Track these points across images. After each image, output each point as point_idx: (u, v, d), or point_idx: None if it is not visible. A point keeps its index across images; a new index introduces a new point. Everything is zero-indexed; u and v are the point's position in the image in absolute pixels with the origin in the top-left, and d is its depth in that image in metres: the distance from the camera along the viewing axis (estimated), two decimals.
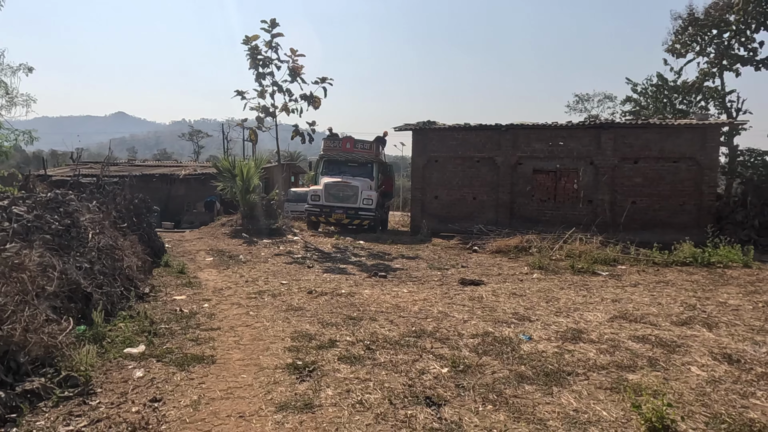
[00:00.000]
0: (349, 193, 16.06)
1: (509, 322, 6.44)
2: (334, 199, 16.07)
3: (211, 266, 10.27)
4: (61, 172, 22.07)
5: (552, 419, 3.80)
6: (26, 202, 6.34)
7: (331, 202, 16.06)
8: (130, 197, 9.94)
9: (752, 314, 7.02)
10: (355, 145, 17.37)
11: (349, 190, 16.08)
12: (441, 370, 4.76)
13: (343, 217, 15.97)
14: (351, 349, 5.27)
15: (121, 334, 5.41)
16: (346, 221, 16.10)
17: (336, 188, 16.15)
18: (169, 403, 3.98)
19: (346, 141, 17.39)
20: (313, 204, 16.33)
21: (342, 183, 16.16)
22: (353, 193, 16.06)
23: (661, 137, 14.26)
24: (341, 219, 16.06)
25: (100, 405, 3.91)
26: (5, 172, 26.41)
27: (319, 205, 16.18)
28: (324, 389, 4.26)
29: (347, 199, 16.02)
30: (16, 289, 4.54)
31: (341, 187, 16.12)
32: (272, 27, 14.91)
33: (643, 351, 5.41)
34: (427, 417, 3.80)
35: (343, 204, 15.99)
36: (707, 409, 4.00)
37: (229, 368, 4.76)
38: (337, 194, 16.10)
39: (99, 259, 6.80)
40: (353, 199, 15.99)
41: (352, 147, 17.33)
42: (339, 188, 16.13)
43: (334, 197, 16.08)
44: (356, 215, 15.97)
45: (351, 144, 17.33)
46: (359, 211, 15.91)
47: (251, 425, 3.65)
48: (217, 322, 6.24)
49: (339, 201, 16.04)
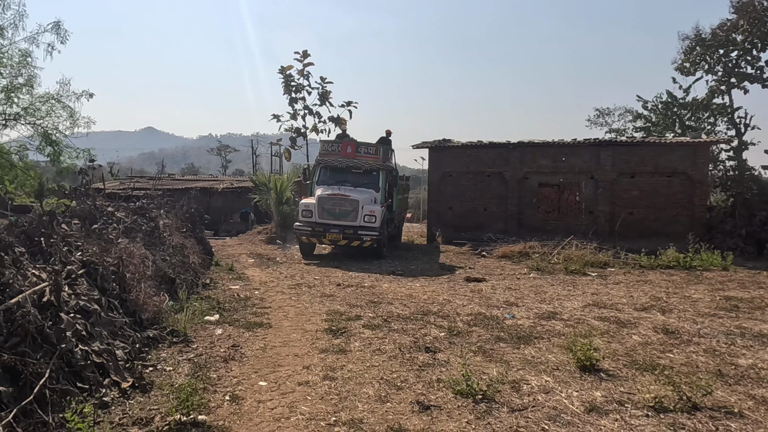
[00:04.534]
0: (348, 208, 12.94)
1: (499, 307, 8.01)
2: (329, 215, 12.98)
3: (254, 266, 12.06)
4: (111, 185, 24.36)
5: (514, 362, 5.37)
6: (124, 208, 8.20)
7: (325, 218, 12.98)
8: (187, 207, 11.80)
9: (706, 304, 8.40)
10: (357, 150, 14.21)
11: (347, 205, 12.96)
12: (439, 333, 6.38)
13: (338, 237, 12.87)
14: (372, 321, 6.91)
15: (198, 309, 7.16)
16: (343, 243, 13.09)
17: (331, 202, 13.04)
18: (245, 347, 5.69)
19: (347, 144, 14.36)
20: (305, 221, 13.19)
21: (339, 196, 13.07)
22: (352, 208, 12.91)
23: (656, 154, 15.62)
24: (337, 240, 12.99)
25: (198, 347, 5.64)
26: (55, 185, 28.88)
27: (311, 223, 13.07)
28: (352, 342, 5.92)
29: (345, 215, 12.91)
30: (132, 271, 6.32)
31: (337, 201, 13.03)
32: (304, 57, 16.87)
33: (601, 326, 6.91)
34: (425, 358, 5.42)
35: (340, 221, 12.90)
36: (629, 358, 5.53)
37: (282, 330, 6.46)
38: (332, 210, 12.99)
39: (173, 254, 8.62)
40: (352, 216, 12.88)
41: (353, 152, 14.19)
42: (335, 202, 13.02)
43: (329, 213, 12.98)
44: (355, 235, 12.84)
45: (353, 148, 14.23)
46: (359, 230, 12.83)
47: (304, 360, 5.32)
48: (267, 303, 7.97)
49: (335, 218, 12.95)
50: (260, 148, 57.16)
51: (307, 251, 13.70)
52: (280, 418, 3.94)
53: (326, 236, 12.96)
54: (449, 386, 4.52)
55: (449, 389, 4.48)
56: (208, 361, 5.19)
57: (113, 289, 5.65)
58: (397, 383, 4.67)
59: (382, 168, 14.29)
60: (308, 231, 13.06)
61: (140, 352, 5.17)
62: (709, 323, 7.13)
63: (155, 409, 3.96)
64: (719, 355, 5.69)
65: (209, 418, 3.86)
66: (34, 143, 18.98)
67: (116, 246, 6.40)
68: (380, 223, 13.11)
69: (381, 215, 13.19)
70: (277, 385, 4.59)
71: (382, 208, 13.52)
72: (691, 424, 3.89)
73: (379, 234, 12.97)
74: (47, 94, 18.31)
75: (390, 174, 14.63)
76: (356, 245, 13.09)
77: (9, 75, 17.93)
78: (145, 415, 3.85)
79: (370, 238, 12.86)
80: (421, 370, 5.03)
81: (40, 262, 4.84)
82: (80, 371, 4.02)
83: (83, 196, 8.14)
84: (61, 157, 19.13)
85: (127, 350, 4.85)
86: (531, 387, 4.63)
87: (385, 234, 13.70)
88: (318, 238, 13.16)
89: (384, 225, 13.58)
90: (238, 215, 22.88)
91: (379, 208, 13.37)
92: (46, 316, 4.02)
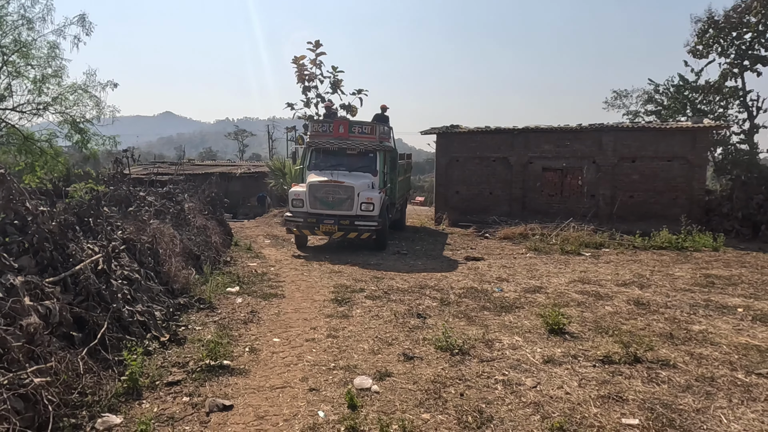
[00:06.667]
0: (342, 196, 11.75)
1: (491, 282, 8.81)
2: (322, 204, 11.78)
3: (270, 246, 13.01)
4: (135, 171, 25.55)
5: (493, 326, 6.20)
6: (153, 193, 9.15)
7: (317, 208, 11.80)
8: (208, 192, 12.75)
9: (685, 281, 9.08)
10: (351, 129, 12.89)
11: (341, 192, 11.77)
12: (432, 303, 7.23)
13: (333, 229, 11.69)
14: (374, 293, 7.78)
15: (221, 282, 8.10)
16: (339, 235, 11.91)
17: (323, 190, 11.82)
18: (261, 313, 6.61)
19: (339, 124, 13.01)
20: (296, 211, 12.03)
21: (331, 183, 11.84)
22: (347, 196, 11.73)
23: (656, 139, 16.08)
24: (331, 232, 11.83)
25: (221, 312, 6.57)
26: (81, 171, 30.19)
27: (302, 213, 11.92)
28: (354, 309, 6.80)
29: (339, 204, 11.73)
30: (163, 248, 7.26)
31: (330, 188, 11.81)
32: (316, 47, 17.59)
33: (579, 298, 7.68)
34: (416, 322, 6.27)
35: (334, 211, 11.73)
36: (595, 324, 6.30)
37: (294, 300, 7.37)
38: (325, 198, 11.78)
39: (198, 234, 9.56)
40: (347, 205, 11.70)
41: (346, 131, 12.86)
42: (327, 190, 11.81)
43: (322, 202, 11.78)
44: (352, 226, 11.68)
45: (345, 128, 12.89)
46: (356, 220, 11.69)
47: (311, 323, 6.22)
48: (281, 278, 8.89)
49: (328, 207, 11.75)
50: (277, 133, 58.20)
51: (301, 242, 12.73)
52: (289, 364, 4.83)
53: (319, 228, 11.74)
54: (432, 343, 5.37)
55: (432, 345, 5.33)
56: (230, 323, 6.12)
57: (149, 262, 6.59)
58: (389, 340, 5.54)
59: (379, 149, 12.97)
60: (300, 222, 11.90)
61: (173, 315, 6.11)
62: (681, 297, 7.84)
63: (189, 356, 4.89)
64: (678, 322, 6.43)
65: (233, 363, 4.78)
66: (63, 131, 20.18)
67: (149, 226, 7.34)
68: (379, 211, 11.89)
69: (380, 202, 12.01)
70: (288, 341, 5.49)
71: (381, 194, 12.35)
72: (628, 372, 4.68)
73: (378, 224, 11.77)
74: (75, 84, 19.40)
75: (389, 155, 13.43)
76: (353, 237, 11.85)
77: (38, 66, 19.06)
78: (181, 360, 4.78)
79: (368, 231, 11.72)
80: (411, 331, 5.89)
81: (90, 238, 5.77)
82: (128, 326, 4.95)
83: (119, 183, 9.08)
84: (88, 144, 20.33)
85: (163, 312, 5.79)
86: (502, 344, 5.46)
87: (386, 223, 12.68)
88: (310, 230, 11.94)
89: (384, 213, 12.46)
90: (255, 199, 23.91)
91: (378, 194, 12.14)
92: (100, 281, 4.94)
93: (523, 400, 4.09)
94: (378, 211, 11.87)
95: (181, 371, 4.54)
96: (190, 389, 4.19)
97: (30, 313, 3.33)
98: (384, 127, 13.69)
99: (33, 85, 18.96)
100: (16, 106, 19.10)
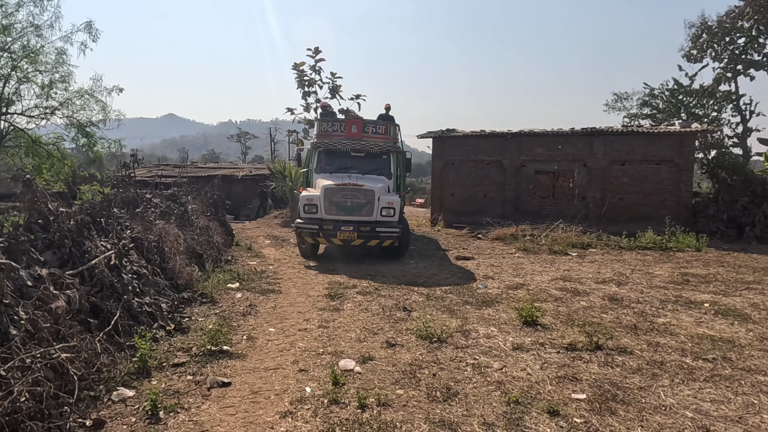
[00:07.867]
0: (362, 200, 10.92)
1: (478, 279, 9.32)
2: (339, 210, 10.90)
3: (270, 246, 13.56)
4: (139, 173, 26.16)
5: (472, 318, 6.71)
6: (158, 195, 9.71)
7: (333, 214, 10.88)
8: (211, 194, 13.31)
9: (662, 279, 9.57)
10: (364, 129, 12.15)
11: (360, 196, 10.92)
12: (418, 298, 7.75)
13: (353, 236, 10.76)
14: (365, 289, 8.31)
15: (222, 278, 8.64)
16: (358, 242, 10.91)
17: (341, 194, 10.94)
18: (259, 307, 7.14)
19: (352, 123, 12.27)
20: (309, 217, 10.98)
21: (350, 186, 10.98)
22: (367, 200, 10.91)
23: (645, 143, 16.58)
24: (350, 239, 10.83)
25: (222, 306, 7.11)
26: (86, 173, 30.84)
27: (316, 219, 10.91)
28: (345, 303, 7.33)
29: (358, 209, 10.89)
30: (168, 246, 7.81)
31: (349, 192, 10.95)
32: (316, 54, 18.16)
33: (558, 294, 8.18)
34: (401, 315, 6.80)
35: (353, 217, 10.86)
36: (567, 317, 6.81)
37: (290, 295, 7.90)
38: (342, 203, 10.93)
39: (200, 234, 10.11)
40: (367, 210, 10.88)
41: (360, 131, 12.11)
42: (345, 194, 10.94)
43: (339, 207, 10.91)
44: (373, 233, 10.82)
45: (359, 127, 12.13)
46: (376, 226, 10.86)
47: (305, 315, 6.75)
48: (279, 276, 9.43)
49: (346, 212, 10.90)
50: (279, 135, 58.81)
51: (308, 252, 11.67)
52: (282, 350, 5.37)
53: (337, 235, 10.75)
54: (413, 333, 5.90)
55: (413, 334, 5.85)
56: (230, 315, 6.65)
57: (155, 259, 7.13)
58: (375, 330, 6.07)
59: (393, 150, 12.40)
60: (314, 230, 10.80)
61: (178, 308, 6.65)
62: (654, 293, 8.33)
63: (193, 343, 5.42)
64: (645, 316, 6.93)
65: (232, 348, 5.31)
66: (70, 134, 20.81)
67: (155, 226, 7.89)
68: (399, 216, 11.23)
69: (400, 207, 11.32)
70: (282, 331, 6.03)
71: (400, 199, 11.67)
72: (588, 357, 5.20)
73: (399, 230, 10.97)
74: (81, 89, 20.03)
75: (401, 156, 12.75)
76: (374, 244, 11.04)
77: (46, 71, 19.70)
78: (186, 346, 5.32)
79: (390, 238, 10.87)
80: (396, 323, 6.41)
81: (102, 237, 6.32)
82: (137, 316, 5.49)
83: (127, 186, 9.64)
84: (94, 147, 20.97)
85: (169, 305, 6.33)
86: (478, 334, 5.97)
87: (407, 228, 12.01)
88: (327, 238, 10.84)
89: (404, 218, 11.95)
90: (257, 200, 24.50)
91: (397, 198, 11.42)
92: (113, 275, 5.48)
93: (488, 379, 4.61)
94: (398, 216, 11.20)
95: (185, 355, 5.08)
96: (193, 369, 4.73)
97: (58, 298, 3.87)
98: (395, 128, 13.04)
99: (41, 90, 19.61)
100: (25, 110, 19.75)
